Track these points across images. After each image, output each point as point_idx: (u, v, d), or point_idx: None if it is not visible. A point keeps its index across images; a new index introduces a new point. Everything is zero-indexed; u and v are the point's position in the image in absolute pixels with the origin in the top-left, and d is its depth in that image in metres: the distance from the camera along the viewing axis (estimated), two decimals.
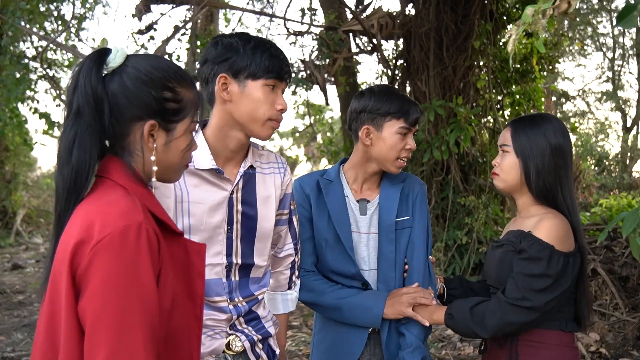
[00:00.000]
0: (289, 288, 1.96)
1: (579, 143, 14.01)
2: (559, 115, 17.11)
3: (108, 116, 1.18)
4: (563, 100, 18.89)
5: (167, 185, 1.58)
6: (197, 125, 1.32)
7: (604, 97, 19.51)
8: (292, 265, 1.95)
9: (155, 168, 1.23)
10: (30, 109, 7.19)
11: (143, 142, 1.21)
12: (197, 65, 6.44)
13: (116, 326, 1.04)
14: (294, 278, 1.97)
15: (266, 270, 1.81)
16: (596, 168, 13.97)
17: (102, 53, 1.20)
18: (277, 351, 1.83)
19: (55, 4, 7.60)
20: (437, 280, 2.08)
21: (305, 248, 2.09)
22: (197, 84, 1.41)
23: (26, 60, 6.91)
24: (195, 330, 1.26)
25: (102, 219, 1.09)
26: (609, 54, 18.49)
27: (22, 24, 6.17)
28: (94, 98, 1.16)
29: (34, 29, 7.70)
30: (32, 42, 8.24)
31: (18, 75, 6.51)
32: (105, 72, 1.20)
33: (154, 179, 1.25)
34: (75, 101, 1.16)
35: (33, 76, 7.54)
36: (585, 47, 17.73)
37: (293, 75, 6.59)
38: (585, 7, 13.80)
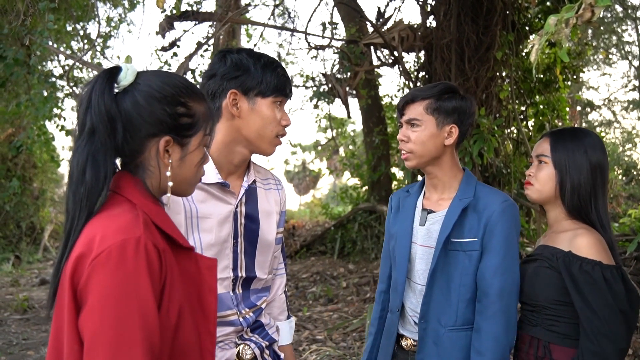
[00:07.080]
0: (289, 315, 1.97)
1: None
2: (584, 125, 16.87)
3: (121, 134, 1.18)
4: (588, 109, 18.61)
5: (177, 202, 1.60)
6: (210, 138, 1.33)
7: (631, 106, 19.17)
8: (285, 285, 1.97)
9: (170, 183, 1.24)
10: (57, 126, 7.33)
11: (159, 157, 1.22)
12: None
13: (115, 342, 1.02)
14: (287, 302, 1.98)
15: (266, 283, 1.84)
16: (624, 178, 13.71)
17: (112, 72, 1.20)
18: (282, 355, 1.86)
19: (81, 23, 7.77)
20: None
21: (383, 263, 2.16)
22: None
23: (53, 79, 7.05)
24: (208, 346, 1.26)
25: (102, 233, 1.09)
26: (635, 63, 18.18)
27: (50, 43, 6.31)
28: (107, 117, 1.16)
29: (61, 48, 7.89)
30: (59, 61, 8.46)
31: (45, 94, 6.64)
32: (117, 91, 1.20)
33: (168, 194, 1.25)
34: (88, 120, 1.16)
35: (60, 94, 7.70)
36: (610, 56, 17.48)
37: (315, 88, 6.62)
38: (609, 15, 13.62)
